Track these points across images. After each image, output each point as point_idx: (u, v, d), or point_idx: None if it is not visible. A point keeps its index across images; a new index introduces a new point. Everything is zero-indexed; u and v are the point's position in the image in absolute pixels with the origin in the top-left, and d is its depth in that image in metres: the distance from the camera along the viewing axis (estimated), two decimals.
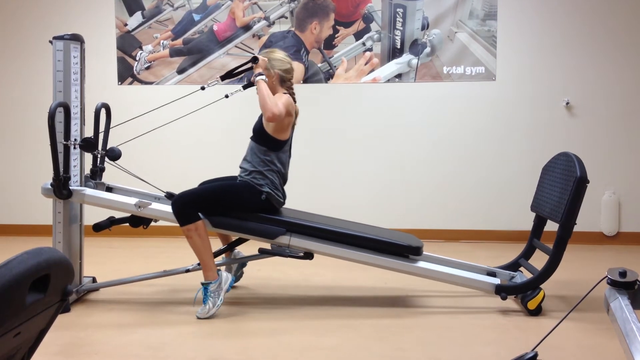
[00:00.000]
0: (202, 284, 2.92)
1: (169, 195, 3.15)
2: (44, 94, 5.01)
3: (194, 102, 5.00)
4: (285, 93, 3.05)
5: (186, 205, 2.91)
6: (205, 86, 3.20)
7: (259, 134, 3.03)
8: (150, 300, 3.20)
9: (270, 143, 3.01)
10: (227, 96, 3.20)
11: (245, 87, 3.16)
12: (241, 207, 2.99)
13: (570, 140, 4.72)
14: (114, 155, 3.08)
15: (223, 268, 3.10)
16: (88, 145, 3.02)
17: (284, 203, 3.12)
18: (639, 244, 4.74)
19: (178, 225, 2.94)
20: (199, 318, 2.88)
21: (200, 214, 2.94)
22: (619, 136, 4.74)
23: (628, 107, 4.73)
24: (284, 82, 3.07)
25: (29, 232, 5.09)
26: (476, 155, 4.84)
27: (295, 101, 3.09)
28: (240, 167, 3.10)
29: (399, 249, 3.03)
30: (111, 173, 3.36)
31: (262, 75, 2.97)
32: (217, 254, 3.11)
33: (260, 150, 3.02)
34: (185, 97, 3.65)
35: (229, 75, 3.13)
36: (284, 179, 3.11)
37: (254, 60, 3.01)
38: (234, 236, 3.14)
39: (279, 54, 3.08)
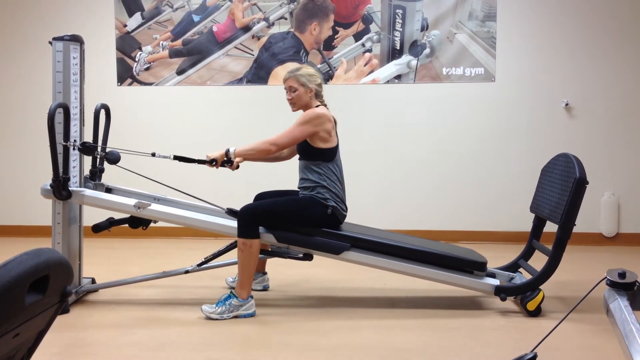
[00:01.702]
0: (231, 292, 2.93)
1: (231, 212, 3.11)
2: (44, 95, 5.02)
3: (193, 102, 5.01)
4: (317, 105, 3.08)
5: (252, 220, 2.90)
6: (156, 154, 3.10)
7: (308, 152, 3.03)
8: (149, 301, 3.19)
9: (322, 155, 3.02)
10: (153, 154, 3.08)
11: (182, 160, 3.09)
12: (306, 222, 2.99)
13: (570, 141, 4.73)
14: (113, 158, 3.05)
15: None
16: (87, 149, 3.01)
17: (346, 216, 3.14)
18: (638, 245, 4.74)
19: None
20: (202, 311, 2.90)
21: (263, 228, 2.95)
22: (618, 137, 4.74)
23: (627, 108, 4.73)
24: (318, 95, 3.10)
25: (28, 232, 5.09)
26: (476, 156, 4.84)
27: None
28: (300, 187, 3.10)
29: (465, 264, 3.05)
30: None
31: (231, 148, 3.01)
32: (218, 254, 3.11)
33: (315, 164, 3.03)
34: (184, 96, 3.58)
35: (183, 160, 3.09)
36: (342, 185, 3.11)
37: (212, 162, 3.03)
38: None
39: (310, 69, 3.09)
